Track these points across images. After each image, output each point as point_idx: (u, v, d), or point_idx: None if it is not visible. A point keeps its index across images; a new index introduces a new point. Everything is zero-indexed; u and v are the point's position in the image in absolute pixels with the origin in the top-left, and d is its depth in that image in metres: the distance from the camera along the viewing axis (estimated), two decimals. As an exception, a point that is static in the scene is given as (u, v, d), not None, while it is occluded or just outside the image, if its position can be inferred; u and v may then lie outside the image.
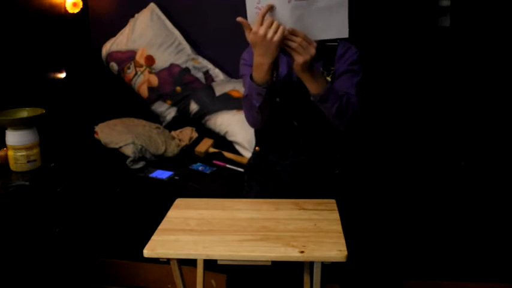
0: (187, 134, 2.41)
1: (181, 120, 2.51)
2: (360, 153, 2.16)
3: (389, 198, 1.90)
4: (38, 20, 2.34)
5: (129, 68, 2.56)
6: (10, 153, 1.84)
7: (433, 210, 1.85)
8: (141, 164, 2.17)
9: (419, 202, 1.88)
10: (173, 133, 2.43)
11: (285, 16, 1.47)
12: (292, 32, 1.48)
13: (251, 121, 1.73)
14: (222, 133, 2.36)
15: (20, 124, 1.83)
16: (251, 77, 1.57)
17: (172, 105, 2.53)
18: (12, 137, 1.82)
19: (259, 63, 1.52)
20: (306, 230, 1.34)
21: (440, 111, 2.34)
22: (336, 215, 1.42)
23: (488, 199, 1.85)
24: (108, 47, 2.62)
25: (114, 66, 2.61)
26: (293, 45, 1.48)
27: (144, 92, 2.56)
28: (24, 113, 1.89)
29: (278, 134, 1.78)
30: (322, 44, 1.68)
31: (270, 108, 1.66)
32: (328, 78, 1.68)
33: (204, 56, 2.58)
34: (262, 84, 1.55)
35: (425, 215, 1.85)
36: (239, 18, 1.51)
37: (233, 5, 2.49)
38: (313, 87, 1.57)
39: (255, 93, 1.58)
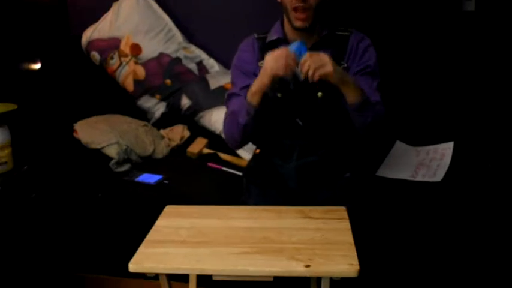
0: (178, 132, 2.41)
1: (172, 117, 2.51)
2: (373, 154, 2.16)
3: (408, 205, 1.89)
4: (9, 4, 2.34)
5: (112, 58, 2.56)
6: (-22, 154, 1.84)
7: (458, 219, 1.85)
8: (126, 167, 2.17)
9: (441, 210, 1.88)
10: (162, 132, 2.43)
11: None
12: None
13: (231, 139, 1.81)
14: (217, 132, 2.36)
15: (-11, 121, 1.83)
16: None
17: (162, 100, 2.53)
18: (-20, 136, 1.82)
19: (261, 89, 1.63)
20: (312, 242, 1.34)
21: (464, 106, 2.34)
22: (346, 224, 1.42)
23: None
24: (89, 34, 2.62)
25: (95, 56, 2.61)
26: (305, 69, 1.54)
27: (129, 85, 2.56)
28: (-7, 109, 1.89)
29: (280, 134, 1.78)
30: (332, 33, 1.69)
31: (252, 132, 1.74)
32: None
33: (197, 45, 2.58)
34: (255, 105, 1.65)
35: (449, 224, 1.85)
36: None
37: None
38: (351, 95, 1.59)
39: (245, 111, 1.67)
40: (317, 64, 1.52)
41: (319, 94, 1.71)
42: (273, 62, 1.56)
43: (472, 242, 1.83)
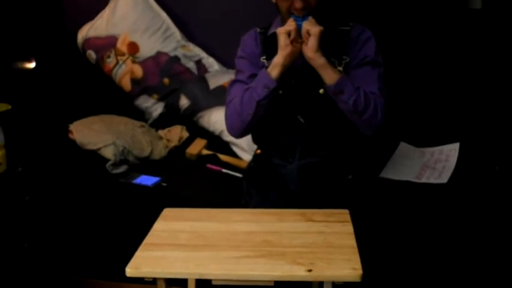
0: (176, 133, 2.42)
1: (170, 117, 2.51)
2: (377, 155, 2.16)
3: (412, 208, 1.90)
4: (2, 0, 2.34)
5: (109, 56, 2.57)
6: (-29, 155, 1.84)
7: (464, 222, 1.85)
8: (123, 168, 2.17)
9: (447, 212, 1.88)
10: (160, 132, 2.43)
11: None
12: None
13: (236, 123, 1.79)
14: (216, 132, 2.37)
15: (-17, 122, 1.83)
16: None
17: (159, 99, 2.54)
18: (-26, 137, 1.83)
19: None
20: (314, 245, 1.34)
21: (470, 107, 2.34)
22: (349, 228, 1.42)
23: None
24: (85, 32, 2.62)
25: (91, 54, 2.62)
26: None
27: (126, 84, 2.56)
28: (-13, 109, 1.90)
29: (281, 132, 1.79)
30: (332, 28, 1.70)
31: (262, 114, 1.74)
32: (340, 69, 1.70)
33: (196, 43, 2.58)
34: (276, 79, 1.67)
35: (455, 227, 1.86)
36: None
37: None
38: (328, 75, 1.64)
39: (262, 85, 1.67)
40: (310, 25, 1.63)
41: (321, 90, 1.72)
42: (281, 28, 1.66)
43: (477, 245, 1.84)
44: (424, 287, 1.87)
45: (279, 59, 1.66)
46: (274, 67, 1.67)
